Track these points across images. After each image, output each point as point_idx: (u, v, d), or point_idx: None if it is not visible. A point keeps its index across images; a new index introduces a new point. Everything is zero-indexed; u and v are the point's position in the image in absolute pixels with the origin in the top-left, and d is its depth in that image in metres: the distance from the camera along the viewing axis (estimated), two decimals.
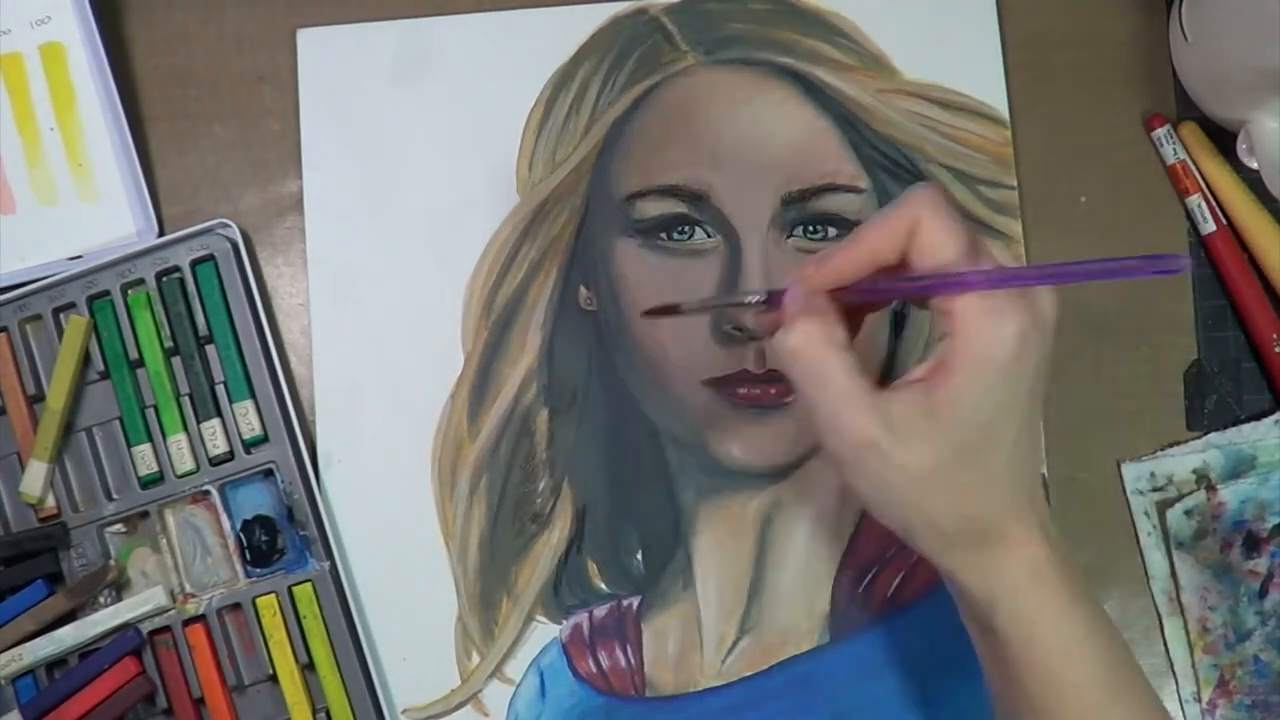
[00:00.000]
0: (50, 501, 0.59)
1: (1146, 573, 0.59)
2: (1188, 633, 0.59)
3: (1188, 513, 0.59)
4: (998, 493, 0.45)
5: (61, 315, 0.60)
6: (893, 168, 0.61)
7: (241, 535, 0.59)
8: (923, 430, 0.43)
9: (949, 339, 0.43)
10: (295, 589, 0.58)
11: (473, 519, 0.60)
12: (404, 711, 0.59)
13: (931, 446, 0.43)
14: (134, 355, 0.59)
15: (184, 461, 0.59)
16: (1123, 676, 0.47)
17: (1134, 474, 0.60)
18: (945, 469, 0.43)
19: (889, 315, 0.60)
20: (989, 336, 0.43)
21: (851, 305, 0.46)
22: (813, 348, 0.44)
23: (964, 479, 0.44)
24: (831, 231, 0.60)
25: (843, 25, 0.62)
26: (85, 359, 0.60)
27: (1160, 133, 0.61)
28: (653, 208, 0.61)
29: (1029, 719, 0.47)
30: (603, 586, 0.60)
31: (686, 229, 0.60)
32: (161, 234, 0.61)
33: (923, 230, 0.43)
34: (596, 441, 0.60)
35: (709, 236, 0.60)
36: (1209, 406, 0.60)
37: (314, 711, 0.58)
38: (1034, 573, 0.45)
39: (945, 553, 0.46)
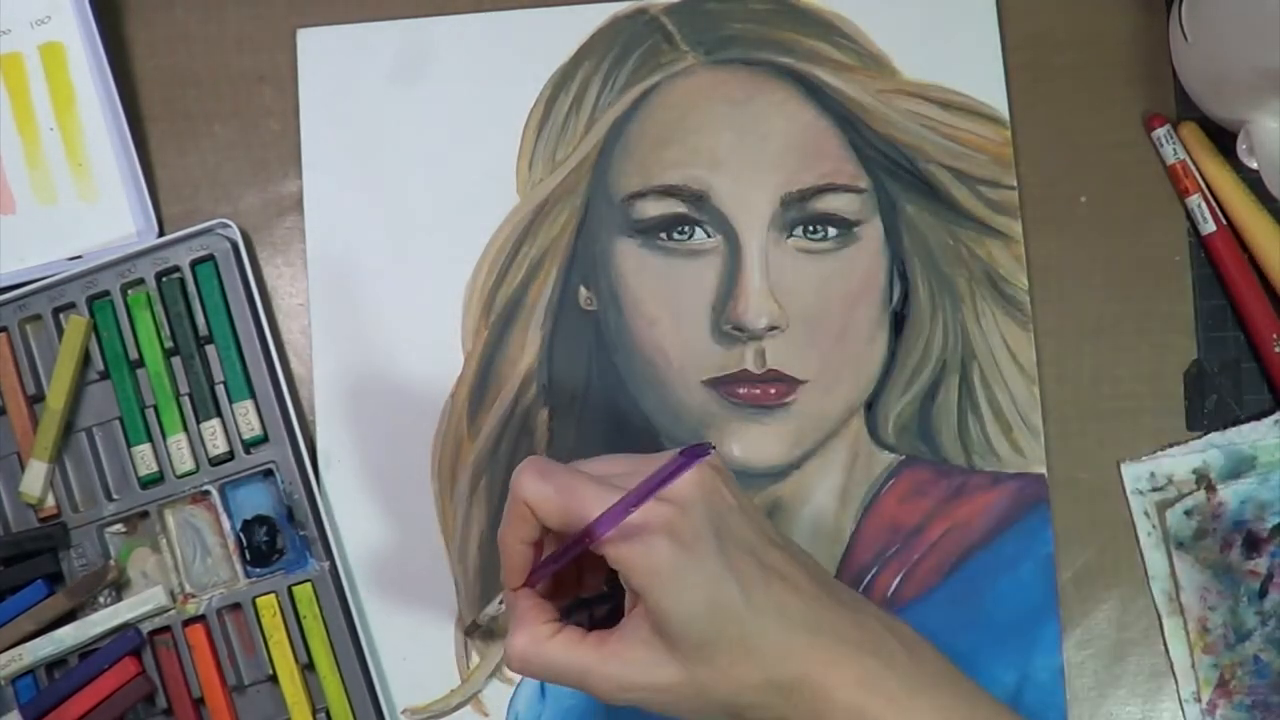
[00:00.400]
0: (50, 501, 0.59)
1: (1146, 573, 0.59)
2: (1188, 633, 0.59)
3: (1188, 513, 0.59)
4: (768, 651, 0.46)
5: (61, 315, 0.60)
6: (893, 168, 0.61)
7: (241, 535, 0.59)
8: (657, 653, 0.46)
9: (620, 571, 0.46)
10: (295, 589, 0.58)
11: (473, 519, 0.60)
12: (404, 711, 0.59)
13: (672, 660, 0.46)
14: (134, 355, 0.60)
15: (184, 461, 0.59)
16: None
17: (1134, 474, 0.60)
18: (699, 666, 0.46)
19: (889, 314, 0.61)
20: (642, 555, 0.45)
21: (560, 574, 0.50)
22: (527, 658, 0.48)
23: (722, 663, 0.46)
24: (831, 231, 0.60)
25: (843, 25, 0.63)
26: (85, 359, 0.60)
27: (1160, 133, 0.61)
28: (653, 208, 0.61)
29: None
30: (603, 586, 0.60)
31: (686, 229, 0.61)
32: (161, 234, 0.61)
33: (539, 504, 0.47)
34: (596, 441, 0.60)
35: (709, 236, 0.60)
36: (1209, 406, 0.60)
37: (314, 711, 0.58)
38: (859, 688, 0.46)
39: (774, 713, 0.47)
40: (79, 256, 0.61)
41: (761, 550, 0.47)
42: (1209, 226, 0.60)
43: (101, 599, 0.58)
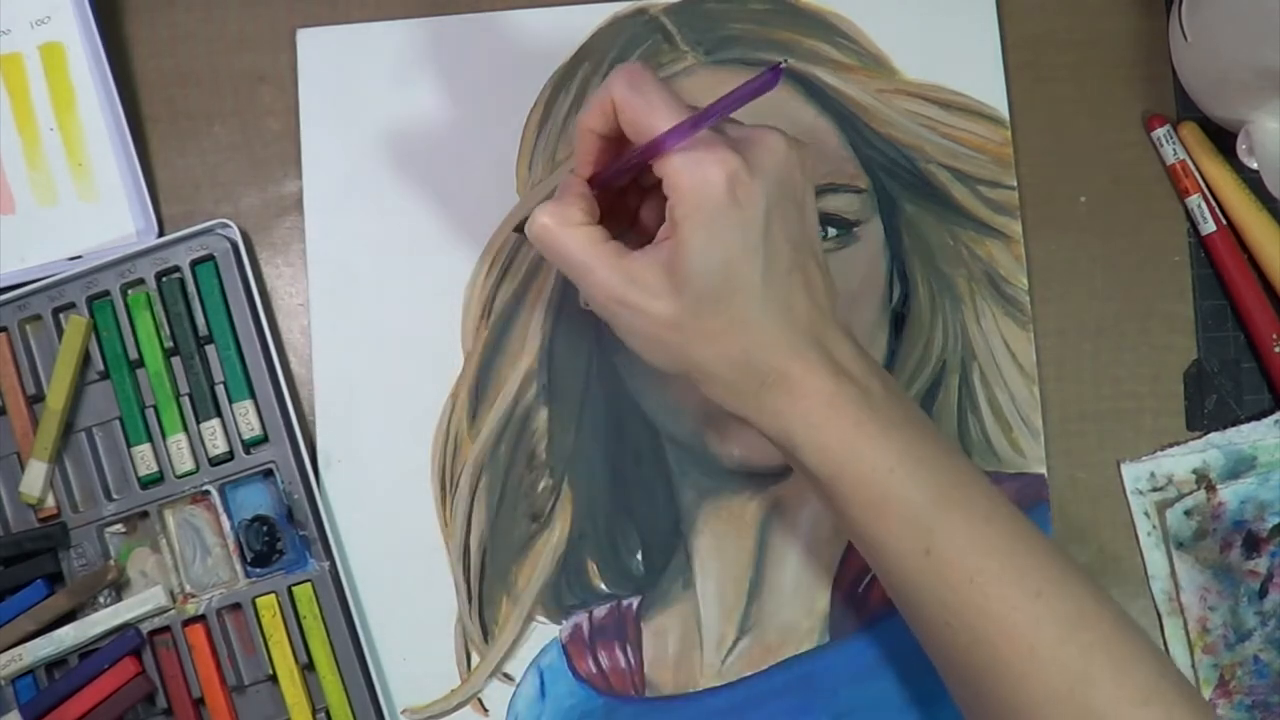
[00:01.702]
0: (50, 501, 0.59)
1: (1146, 573, 0.59)
2: (1188, 633, 0.59)
3: (1187, 513, 0.59)
4: (759, 335, 0.47)
5: (61, 315, 0.60)
6: (893, 168, 0.61)
7: (241, 535, 0.59)
8: (663, 283, 0.47)
9: (670, 195, 0.47)
10: (295, 589, 0.58)
11: (473, 519, 0.60)
12: (404, 711, 0.59)
13: (673, 297, 0.47)
14: (134, 355, 0.59)
15: (184, 461, 0.59)
16: (954, 494, 0.47)
17: (1134, 474, 0.60)
18: (692, 317, 0.47)
19: (889, 314, 0.61)
20: (694, 185, 0.46)
21: (614, 189, 0.51)
22: (549, 230, 0.49)
23: (715, 325, 0.47)
24: (831, 231, 0.60)
25: (843, 25, 0.63)
26: (85, 359, 0.60)
27: (1160, 133, 0.61)
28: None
29: (869, 555, 0.49)
30: (602, 586, 0.60)
31: None
32: (161, 234, 0.61)
33: (622, 106, 0.48)
34: (596, 441, 0.60)
35: None
36: (1209, 406, 0.60)
37: (314, 711, 0.58)
38: (825, 406, 0.47)
39: (732, 400, 0.48)
40: (79, 256, 0.61)
41: (803, 248, 0.48)
42: (1209, 226, 0.60)
43: (101, 599, 0.58)
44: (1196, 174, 0.61)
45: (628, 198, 0.54)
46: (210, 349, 0.60)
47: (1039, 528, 0.49)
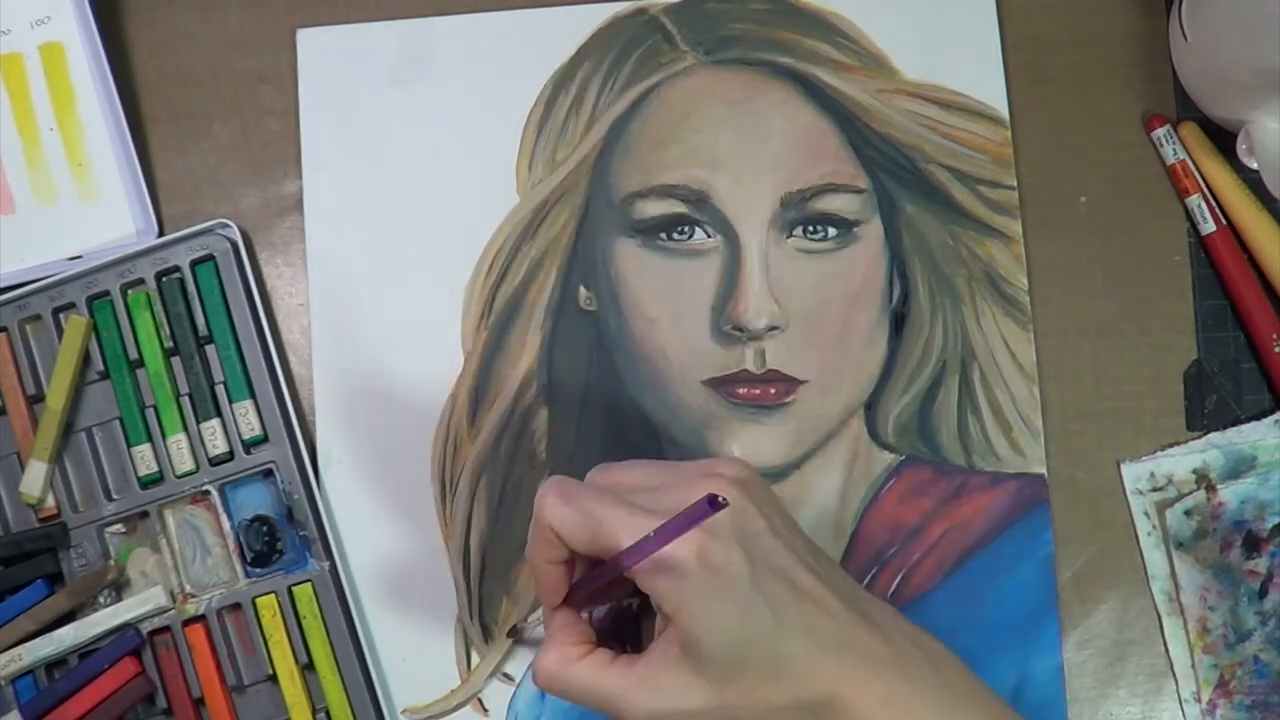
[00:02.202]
0: (50, 501, 0.59)
1: (1146, 573, 0.59)
2: (1188, 633, 0.59)
3: (1187, 513, 0.59)
4: (794, 671, 0.46)
5: (61, 315, 0.60)
6: (893, 168, 0.61)
7: (241, 535, 0.59)
8: (686, 675, 0.46)
9: (652, 598, 0.46)
10: (295, 589, 0.58)
11: (473, 519, 0.60)
12: (404, 711, 0.59)
13: (701, 682, 0.46)
14: (134, 355, 0.59)
15: (184, 461, 0.59)
16: None
17: (1134, 474, 0.60)
18: (729, 688, 0.46)
19: (889, 314, 0.61)
20: (670, 580, 0.45)
21: (597, 592, 0.49)
22: (555, 678, 0.48)
23: (751, 683, 0.46)
24: (831, 231, 0.60)
25: (843, 25, 0.63)
26: (85, 359, 0.60)
27: (1160, 133, 0.61)
28: (652, 208, 0.61)
29: None
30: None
31: (686, 229, 0.61)
32: (161, 234, 0.61)
33: (563, 531, 0.47)
34: (596, 441, 0.60)
35: (709, 236, 0.60)
36: (1209, 406, 0.60)
37: (314, 711, 0.58)
38: (883, 709, 0.46)
39: None
40: (79, 256, 0.61)
41: (793, 571, 0.47)
42: (1209, 226, 0.60)
43: (101, 599, 0.58)
44: (1196, 174, 0.61)
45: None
46: (210, 349, 0.60)
47: None
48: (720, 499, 0.42)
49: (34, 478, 0.58)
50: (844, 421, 0.60)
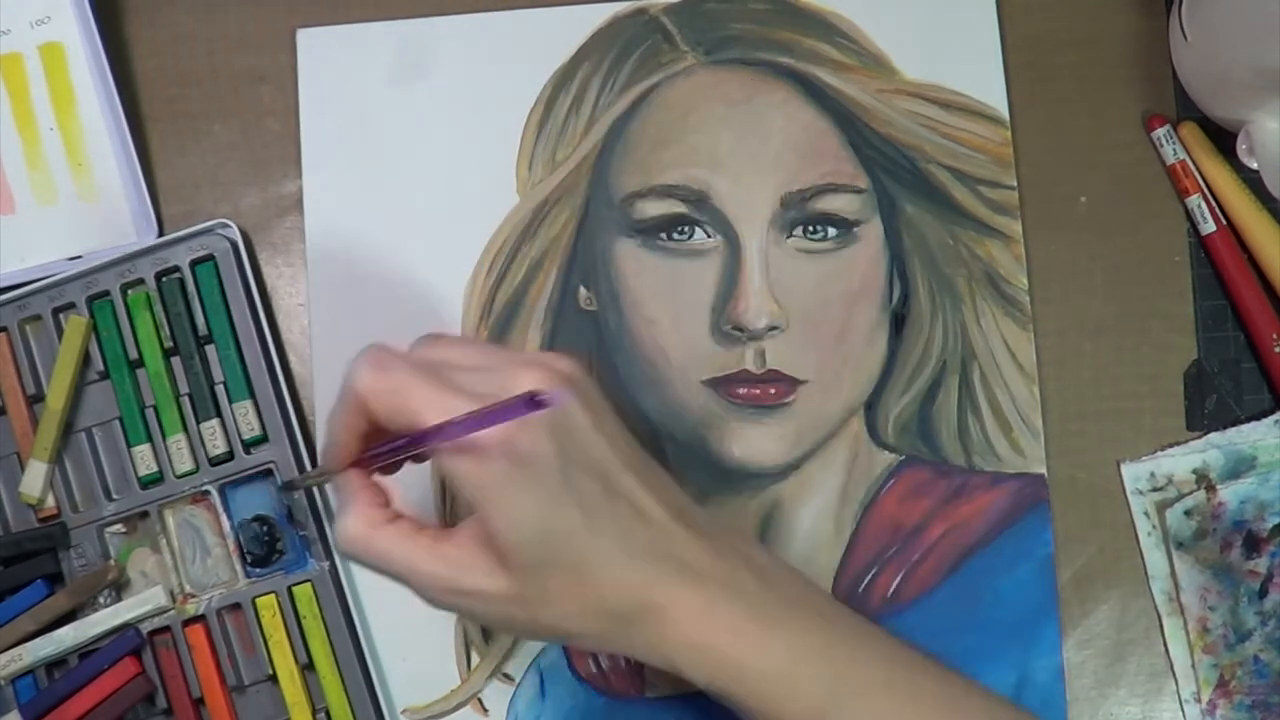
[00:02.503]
0: (50, 501, 0.59)
1: (1146, 573, 0.59)
2: (1188, 633, 0.59)
3: (1187, 513, 0.59)
4: (604, 577, 0.44)
5: (61, 315, 0.60)
6: (892, 168, 0.61)
7: (241, 535, 0.59)
8: (488, 561, 0.44)
9: (452, 484, 0.44)
10: (295, 589, 0.58)
11: None
12: (404, 711, 0.59)
13: (502, 572, 0.44)
14: (134, 355, 0.59)
15: (184, 462, 0.59)
16: (850, 674, 0.45)
17: (1134, 474, 0.60)
18: (529, 585, 0.44)
19: (889, 314, 0.60)
20: (471, 465, 0.43)
21: (394, 462, 0.47)
22: (357, 541, 0.45)
23: (554, 584, 0.44)
24: (831, 231, 0.60)
25: (843, 25, 0.63)
26: (85, 359, 0.60)
27: (1160, 133, 0.61)
28: (652, 208, 0.61)
29: None
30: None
31: (686, 229, 0.61)
32: (161, 234, 0.61)
33: (371, 399, 0.45)
34: None
35: (709, 236, 0.60)
36: (1209, 406, 0.60)
37: (314, 711, 0.58)
38: (699, 624, 0.44)
39: (608, 644, 0.45)
40: (79, 256, 0.61)
41: (614, 474, 0.45)
42: (1209, 226, 0.60)
43: (101, 599, 0.58)
44: (1196, 174, 0.61)
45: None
46: (210, 349, 0.60)
47: (940, 668, 0.47)
48: (542, 397, 0.40)
49: (34, 478, 0.58)
50: (844, 421, 0.60)
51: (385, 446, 0.46)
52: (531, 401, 0.40)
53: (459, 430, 0.42)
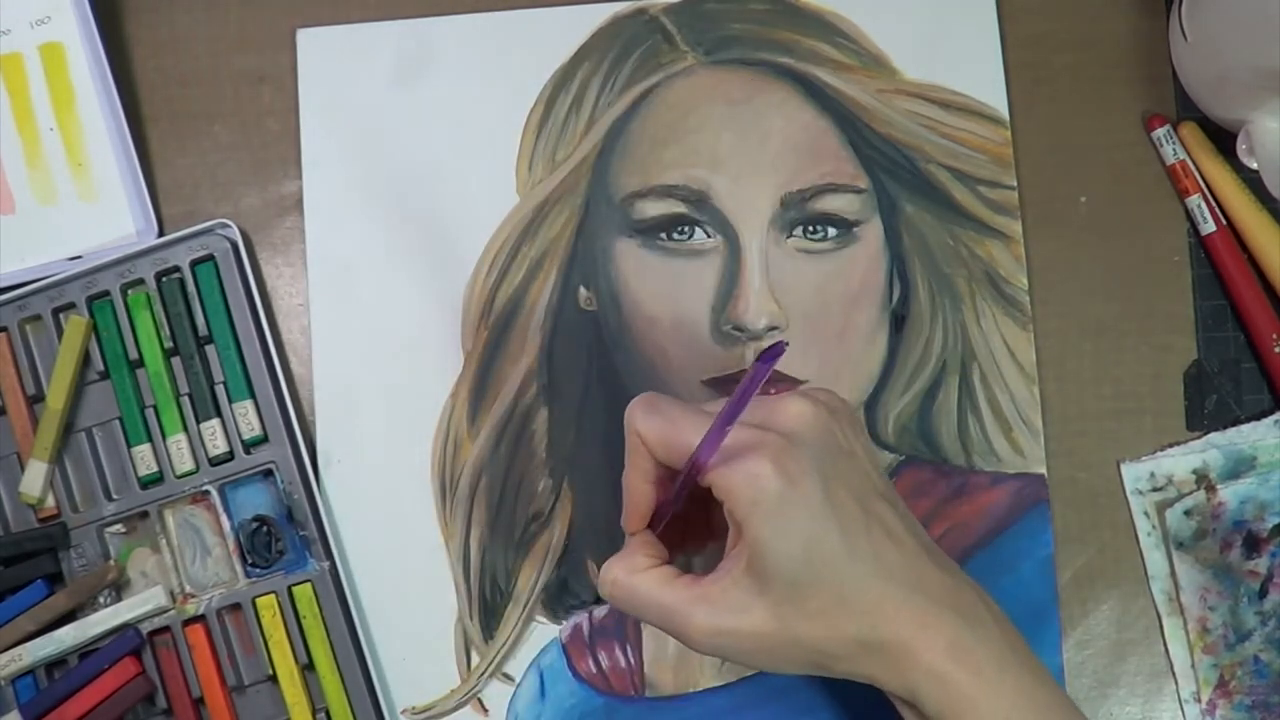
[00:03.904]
0: (50, 501, 0.59)
1: (1146, 573, 0.59)
2: (1187, 633, 0.59)
3: (1187, 513, 0.59)
4: (861, 604, 0.45)
5: (61, 315, 0.60)
6: (892, 168, 0.61)
7: (241, 535, 0.59)
8: (748, 595, 0.45)
9: (725, 504, 0.45)
10: (295, 589, 0.58)
11: (473, 519, 0.60)
12: (404, 711, 0.59)
13: (761, 603, 0.45)
14: (134, 355, 0.59)
15: (184, 462, 0.59)
16: None
17: (1134, 474, 0.60)
18: (789, 610, 0.45)
19: (888, 315, 0.60)
20: (744, 481, 0.45)
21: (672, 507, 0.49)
22: (619, 585, 0.48)
23: (814, 605, 0.45)
24: (831, 231, 0.60)
25: (843, 25, 0.63)
26: (85, 359, 0.60)
27: (1160, 133, 0.61)
28: (652, 208, 0.61)
29: None
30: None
31: (686, 229, 0.61)
32: (161, 234, 0.61)
33: (648, 437, 0.47)
34: (596, 441, 0.60)
35: (709, 236, 0.60)
36: (1209, 406, 0.60)
37: (314, 711, 0.58)
38: (948, 658, 0.45)
39: (857, 669, 0.46)
40: (79, 256, 0.61)
41: (868, 499, 0.47)
42: (1209, 226, 0.60)
43: (101, 599, 0.58)
44: (1196, 174, 0.61)
45: (692, 520, 0.51)
46: (210, 349, 0.60)
47: None
48: (780, 345, 0.43)
49: (34, 478, 0.58)
50: None
51: (671, 494, 0.48)
52: (766, 357, 0.43)
53: (721, 424, 0.45)
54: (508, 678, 0.59)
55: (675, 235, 0.61)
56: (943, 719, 0.46)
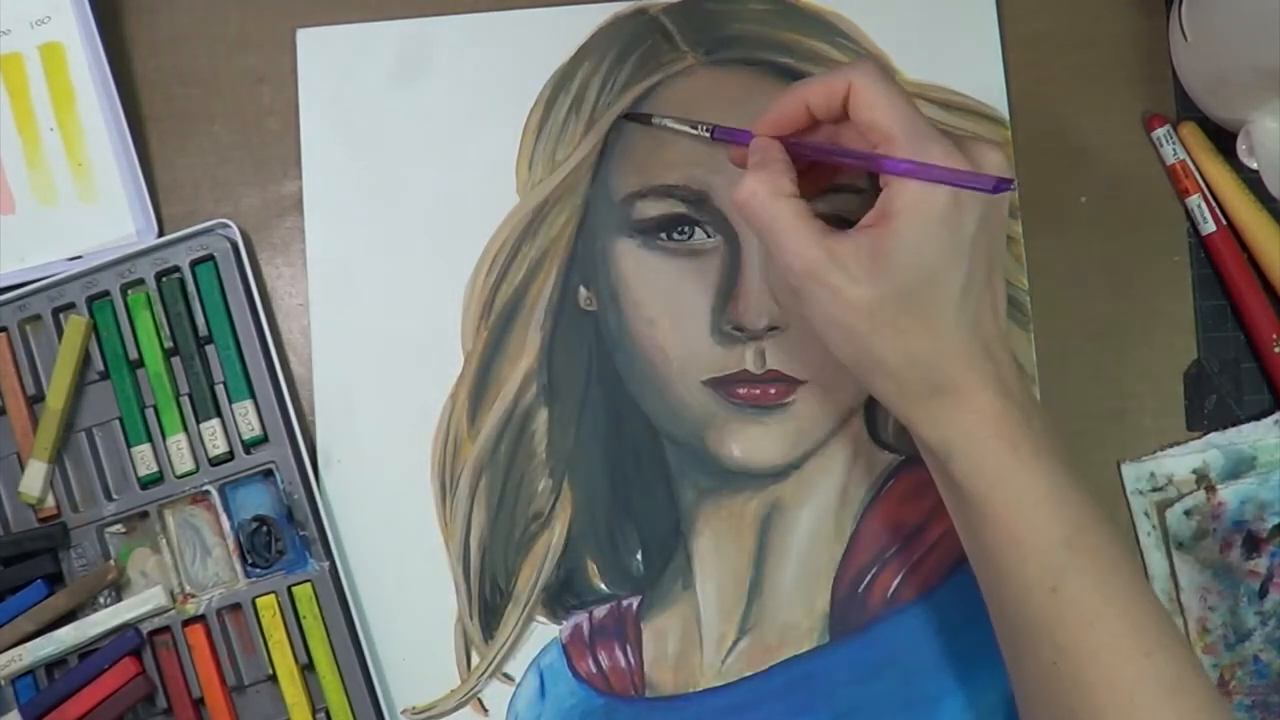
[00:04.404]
0: (50, 501, 0.59)
1: (1146, 573, 0.59)
2: (1188, 633, 0.59)
3: (1187, 513, 0.59)
4: (946, 341, 0.48)
5: (61, 315, 0.60)
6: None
7: (241, 535, 0.59)
8: (866, 269, 0.47)
9: (889, 187, 0.47)
10: (295, 589, 0.58)
11: (473, 519, 0.60)
12: (404, 711, 0.59)
13: (873, 285, 0.47)
14: (134, 355, 0.59)
15: (184, 462, 0.59)
16: (1087, 537, 0.48)
17: (1134, 474, 0.60)
18: (887, 308, 0.47)
19: None
20: (919, 190, 0.47)
21: (812, 165, 0.52)
22: (758, 198, 0.49)
23: (907, 322, 0.47)
24: None
25: (843, 25, 0.63)
26: (85, 359, 0.60)
27: (1160, 133, 0.61)
28: (652, 208, 0.61)
29: (989, 576, 0.49)
30: (602, 586, 0.60)
31: (686, 229, 0.61)
32: (161, 234, 0.61)
33: (857, 95, 0.49)
34: (596, 441, 0.60)
35: (709, 236, 0.60)
36: (1209, 406, 0.60)
37: (314, 711, 0.58)
38: (989, 423, 0.48)
39: (899, 399, 0.49)
40: (79, 256, 0.61)
41: (996, 270, 0.50)
42: (1209, 226, 0.60)
43: (101, 599, 0.58)
44: (1196, 174, 0.61)
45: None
46: (210, 349, 0.60)
47: (1152, 588, 0.51)
48: (1007, 183, 0.46)
49: (34, 478, 0.58)
50: (844, 421, 0.60)
51: (833, 148, 0.50)
52: (999, 183, 0.46)
53: (931, 173, 0.47)
54: (508, 678, 0.59)
55: (675, 235, 0.61)
56: (969, 483, 0.48)
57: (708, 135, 0.57)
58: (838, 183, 0.60)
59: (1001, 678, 0.58)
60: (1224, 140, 0.60)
